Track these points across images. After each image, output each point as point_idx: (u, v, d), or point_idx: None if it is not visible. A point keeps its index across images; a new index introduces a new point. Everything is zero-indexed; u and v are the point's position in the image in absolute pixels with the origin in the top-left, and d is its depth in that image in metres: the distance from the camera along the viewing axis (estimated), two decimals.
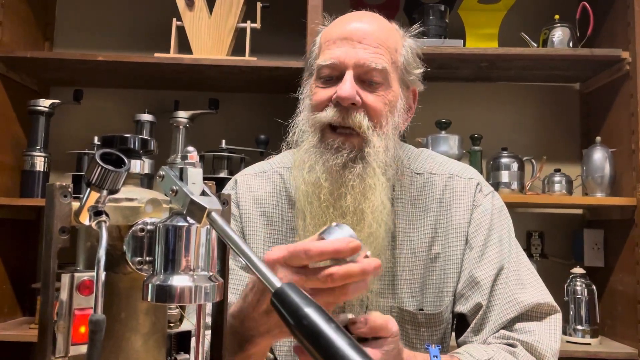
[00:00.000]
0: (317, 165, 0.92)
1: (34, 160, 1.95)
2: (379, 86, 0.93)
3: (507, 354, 0.90)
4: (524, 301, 0.95)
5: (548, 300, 0.97)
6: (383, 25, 0.98)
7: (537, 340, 0.92)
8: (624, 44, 1.89)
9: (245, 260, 0.51)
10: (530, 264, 1.03)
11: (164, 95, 2.19)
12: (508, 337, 0.93)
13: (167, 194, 0.56)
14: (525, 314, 0.95)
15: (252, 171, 1.11)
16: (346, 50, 0.92)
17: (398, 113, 0.97)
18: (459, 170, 1.06)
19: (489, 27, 2.03)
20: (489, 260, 0.98)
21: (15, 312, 2.01)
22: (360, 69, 0.92)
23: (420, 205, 1.03)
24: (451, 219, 1.01)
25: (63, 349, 0.56)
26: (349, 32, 0.94)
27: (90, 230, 0.60)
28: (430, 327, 1.00)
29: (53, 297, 0.55)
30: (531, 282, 0.99)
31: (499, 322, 0.95)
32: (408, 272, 1.00)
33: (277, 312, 0.49)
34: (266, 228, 1.03)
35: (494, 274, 0.97)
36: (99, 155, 0.53)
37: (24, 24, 2.06)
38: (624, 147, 1.91)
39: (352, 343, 0.45)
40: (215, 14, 1.96)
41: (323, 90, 0.94)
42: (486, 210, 1.02)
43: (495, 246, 0.99)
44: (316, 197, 0.92)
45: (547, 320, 0.95)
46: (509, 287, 0.96)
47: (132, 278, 0.60)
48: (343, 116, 0.91)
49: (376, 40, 0.94)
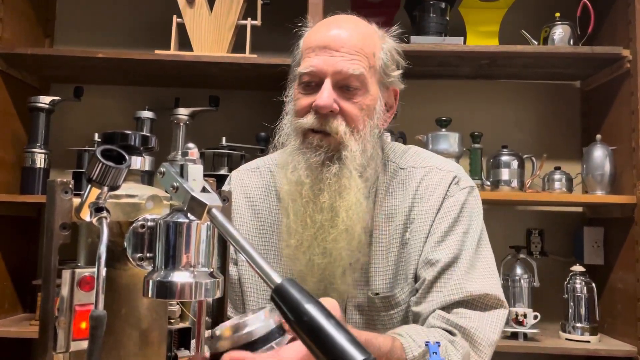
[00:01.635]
0: (300, 165, 0.99)
1: (35, 157, 1.95)
2: (356, 91, 0.99)
3: (447, 342, 0.91)
4: (470, 289, 0.96)
5: (497, 293, 0.98)
6: (361, 31, 1.02)
7: (475, 328, 0.94)
8: (625, 41, 1.89)
9: (245, 257, 0.52)
10: (491, 260, 1.04)
11: (164, 92, 2.19)
12: (447, 320, 0.95)
13: (167, 191, 0.57)
14: (470, 301, 0.97)
15: (246, 167, 1.19)
16: (325, 59, 0.98)
17: (377, 115, 1.03)
18: (440, 164, 1.09)
19: (489, 25, 2.02)
20: (447, 246, 1.00)
21: (16, 309, 2.02)
22: (339, 76, 0.97)
23: (399, 197, 1.06)
24: (422, 207, 1.04)
25: (64, 344, 0.56)
26: (328, 40, 0.99)
27: (91, 227, 0.60)
28: (387, 310, 1.03)
29: (54, 293, 0.55)
30: (485, 275, 1.00)
31: (440, 302, 0.96)
32: (382, 262, 1.03)
33: (277, 308, 0.50)
34: (254, 220, 1.10)
35: (448, 260, 0.99)
36: (100, 152, 0.53)
37: (24, 20, 2.06)
38: (624, 145, 1.91)
39: (351, 339, 0.45)
40: (216, 11, 1.96)
41: (304, 98, 1.01)
42: (457, 201, 1.04)
43: (457, 236, 1.01)
44: (298, 194, 0.99)
45: (490, 313, 0.97)
46: (458, 274, 0.98)
47: (132, 274, 0.60)
48: (321, 122, 0.98)
49: (354, 48, 0.98)
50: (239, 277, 1.08)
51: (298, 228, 0.99)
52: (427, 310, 0.98)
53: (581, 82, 2.22)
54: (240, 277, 1.08)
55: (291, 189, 1.00)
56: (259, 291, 1.06)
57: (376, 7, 0.97)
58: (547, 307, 1.96)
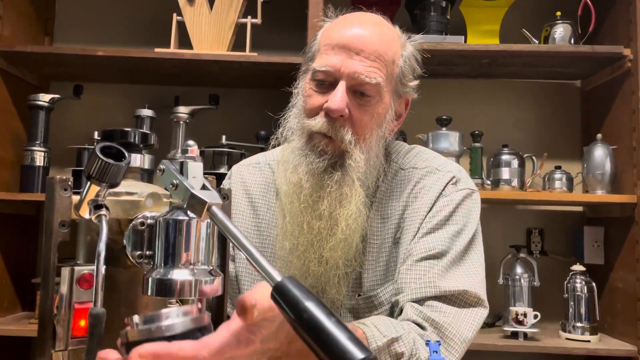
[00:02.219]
0: (300, 167, 0.96)
1: (34, 155, 1.95)
2: (370, 99, 0.95)
3: (416, 335, 0.86)
4: (444, 286, 0.91)
5: (477, 292, 0.94)
6: (384, 34, 0.98)
7: (448, 323, 0.90)
8: (626, 41, 1.89)
9: (245, 254, 0.51)
10: (479, 263, 0.99)
11: (164, 91, 2.18)
12: (420, 313, 0.90)
13: (167, 188, 0.56)
14: (446, 297, 0.92)
15: (247, 162, 1.17)
16: (342, 60, 0.94)
17: (385, 124, 0.99)
18: (440, 165, 1.05)
19: (490, 24, 2.02)
20: (430, 241, 0.96)
21: (15, 307, 2.01)
22: (354, 81, 0.94)
23: (395, 197, 1.03)
24: (415, 206, 1.01)
25: (63, 342, 0.56)
26: (348, 39, 0.95)
27: (90, 224, 0.60)
28: (371, 310, 0.99)
29: (53, 291, 0.55)
30: (468, 274, 0.95)
31: (413, 294, 0.92)
32: (374, 263, 1.00)
33: (277, 306, 0.49)
34: (252, 216, 1.09)
35: (428, 253, 0.94)
36: (99, 149, 0.53)
37: (24, 18, 2.05)
38: (625, 145, 1.91)
39: (352, 337, 0.45)
40: (216, 9, 1.96)
41: (315, 96, 0.97)
42: (452, 201, 0.99)
43: (445, 234, 0.97)
44: (296, 198, 0.96)
45: (468, 310, 0.93)
46: (436, 270, 0.93)
47: (132, 272, 0.60)
48: (329, 128, 0.94)
49: (374, 53, 0.94)
50: (236, 274, 1.08)
51: (294, 232, 0.97)
52: (401, 301, 0.94)
53: (582, 82, 2.22)
54: (238, 274, 1.07)
55: (289, 190, 0.97)
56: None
57: (377, 5, 0.97)
58: (547, 306, 1.96)
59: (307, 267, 0.96)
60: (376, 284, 1.00)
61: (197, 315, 0.54)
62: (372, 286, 1.00)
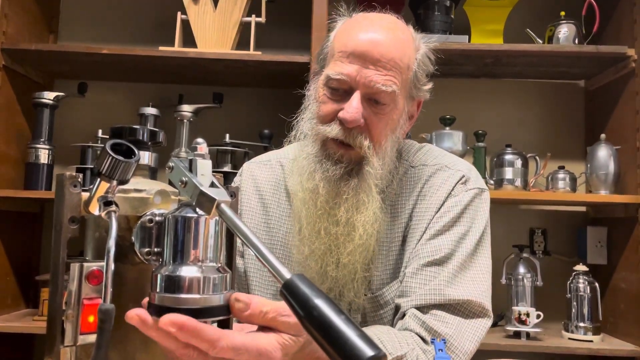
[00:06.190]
0: (317, 174, 0.95)
1: (38, 153, 1.95)
2: (385, 107, 0.94)
3: (419, 352, 0.86)
4: (451, 294, 0.91)
5: (482, 301, 0.93)
6: (399, 39, 0.96)
7: (450, 335, 0.89)
8: (630, 41, 1.89)
9: (254, 252, 0.51)
10: (486, 268, 0.98)
11: (168, 89, 2.19)
12: (422, 323, 0.90)
13: (176, 185, 0.57)
14: (450, 306, 0.92)
15: (258, 159, 1.17)
16: (358, 70, 0.92)
17: (399, 128, 0.99)
18: (450, 163, 1.04)
19: (494, 23, 2.02)
20: (437, 244, 0.95)
21: (19, 304, 2.02)
22: (370, 90, 0.92)
23: (405, 195, 1.03)
24: (424, 205, 1.00)
25: (72, 338, 0.56)
26: (365, 48, 0.92)
27: (99, 221, 0.60)
28: (377, 310, 0.99)
29: (62, 287, 0.55)
30: (474, 280, 0.94)
31: (418, 300, 0.92)
32: (383, 262, 1.00)
33: (287, 303, 0.49)
34: (262, 213, 1.09)
35: (435, 257, 0.94)
36: (110, 146, 0.53)
37: (29, 16, 2.06)
38: (629, 145, 1.91)
39: (362, 335, 0.45)
40: (220, 7, 1.96)
41: (330, 104, 0.95)
42: (460, 201, 0.99)
43: (452, 236, 0.96)
44: (313, 204, 0.96)
45: (472, 321, 0.92)
46: (443, 276, 0.93)
47: (140, 269, 0.60)
48: (345, 135, 0.93)
49: (390, 62, 0.92)
50: (244, 270, 1.08)
51: (311, 237, 0.96)
52: (404, 306, 0.93)
53: (586, 82, 2.22)
54: (247, 271, 1.07)
55: (305, 196, 0.96)
56: (264, 285, 1.05)
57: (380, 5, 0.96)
58: (550, 306, 1.96)
59: (325, 271, 0.96)
60: (384, 283, 1.00)
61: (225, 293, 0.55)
62: (380, 285, 1.00)
